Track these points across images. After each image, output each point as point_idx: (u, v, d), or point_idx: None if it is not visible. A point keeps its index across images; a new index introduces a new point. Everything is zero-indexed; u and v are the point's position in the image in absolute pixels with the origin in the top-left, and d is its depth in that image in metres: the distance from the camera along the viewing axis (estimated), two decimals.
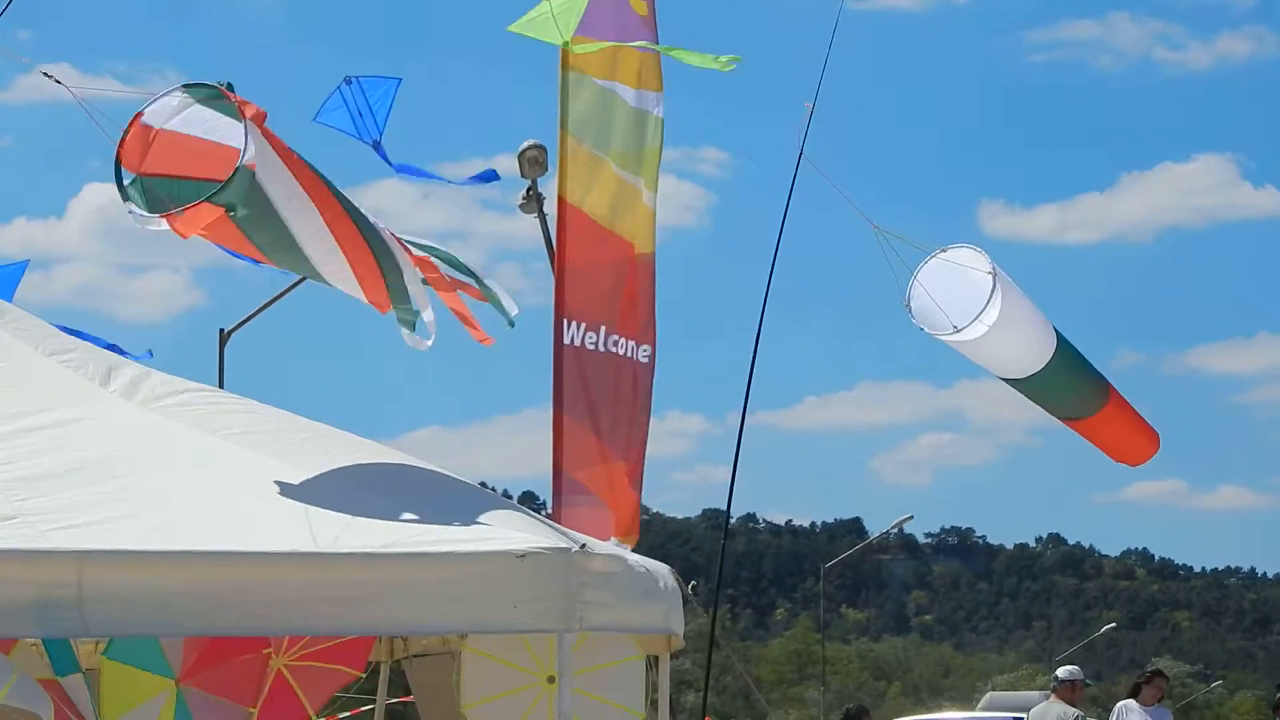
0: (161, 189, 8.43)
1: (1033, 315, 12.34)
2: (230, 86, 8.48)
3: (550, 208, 18.52)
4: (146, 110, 8.44)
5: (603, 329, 16.16)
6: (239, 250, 9.15)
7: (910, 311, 12.21)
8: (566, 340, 15.93)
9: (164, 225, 8.41)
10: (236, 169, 8.24)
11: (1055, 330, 12.47)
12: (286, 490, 8.53)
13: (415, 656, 11.79)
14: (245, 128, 8.27)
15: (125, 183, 8.41)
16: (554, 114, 16.14)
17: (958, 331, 11.91)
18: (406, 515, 8.51)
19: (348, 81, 14.26)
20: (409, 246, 9.70)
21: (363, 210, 9.16)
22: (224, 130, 8.36)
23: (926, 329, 12.12)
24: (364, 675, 11.92)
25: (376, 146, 14.15)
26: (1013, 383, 12.84)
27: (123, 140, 8.41)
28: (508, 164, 20.28)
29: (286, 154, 8.64)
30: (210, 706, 10.81)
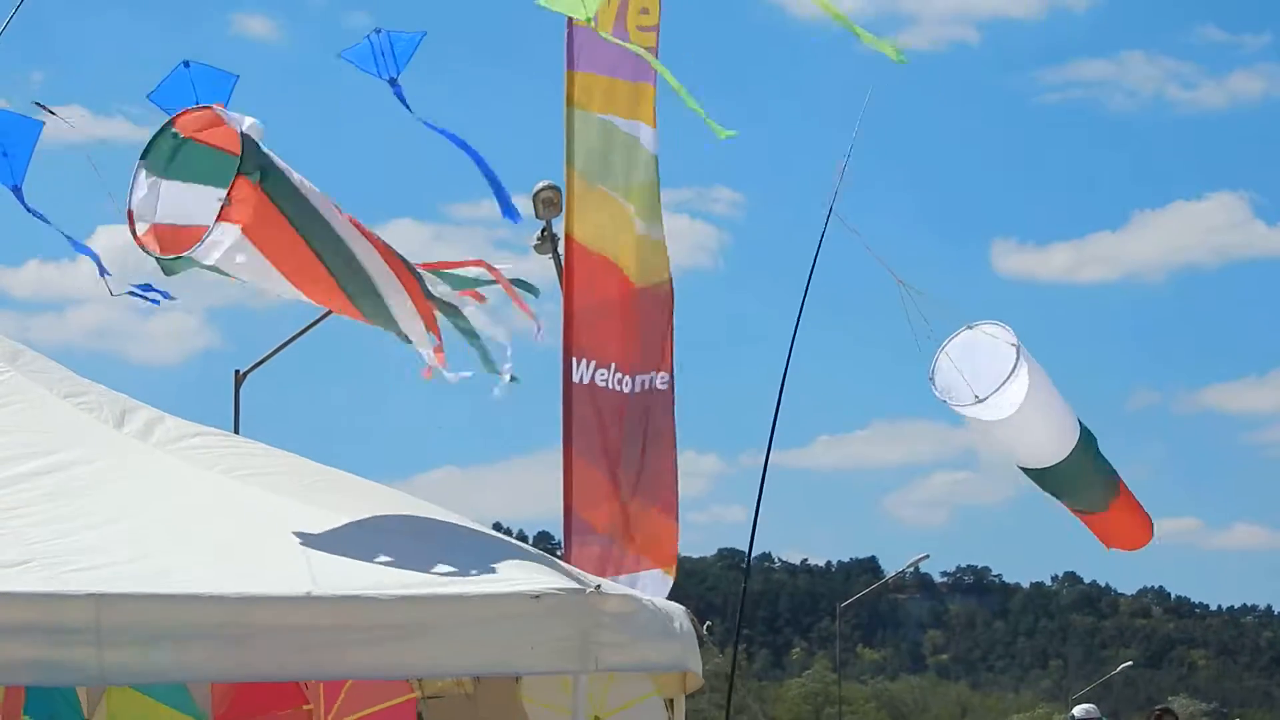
0: (200, 157, 8.34)
1: (1058, 402, 12.31)
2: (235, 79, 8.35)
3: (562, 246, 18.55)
4: (133, 208, 8.34)
5: (613, 365, 16.18)
6: (291, 268, 8.70)
7: (934, 385, 12.19)
8: (576, 379, 15.95)
9: (224, 233, 8.19)
10: (241, 138, 8.15)
11: (1079, 421, 12.46)
12: (304, 534, 8.55)
13: (430, 698, 11.80)
14: (227, 120, 8.21)
15: (164, 136, 8.35)
16: (560, 154, 16.20)
17: (980, 403, 11.89)
18: (422, 559, 8.53)
19: (376, 31, 14.27)
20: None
21: (358, 255, 8.96)
22: (197, 199, 8.24)
23: (950, 403, 12.10)
24: None
25: (393, 83, 14.03)
26: (1032, 473, 12.81)
27: (136, 239, 8.37)
28: (521, 205, 20.32)
29: (273, 234, 8.48)
30: None
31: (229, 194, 8.10)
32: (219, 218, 8.14)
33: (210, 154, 8.22)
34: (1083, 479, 12.65)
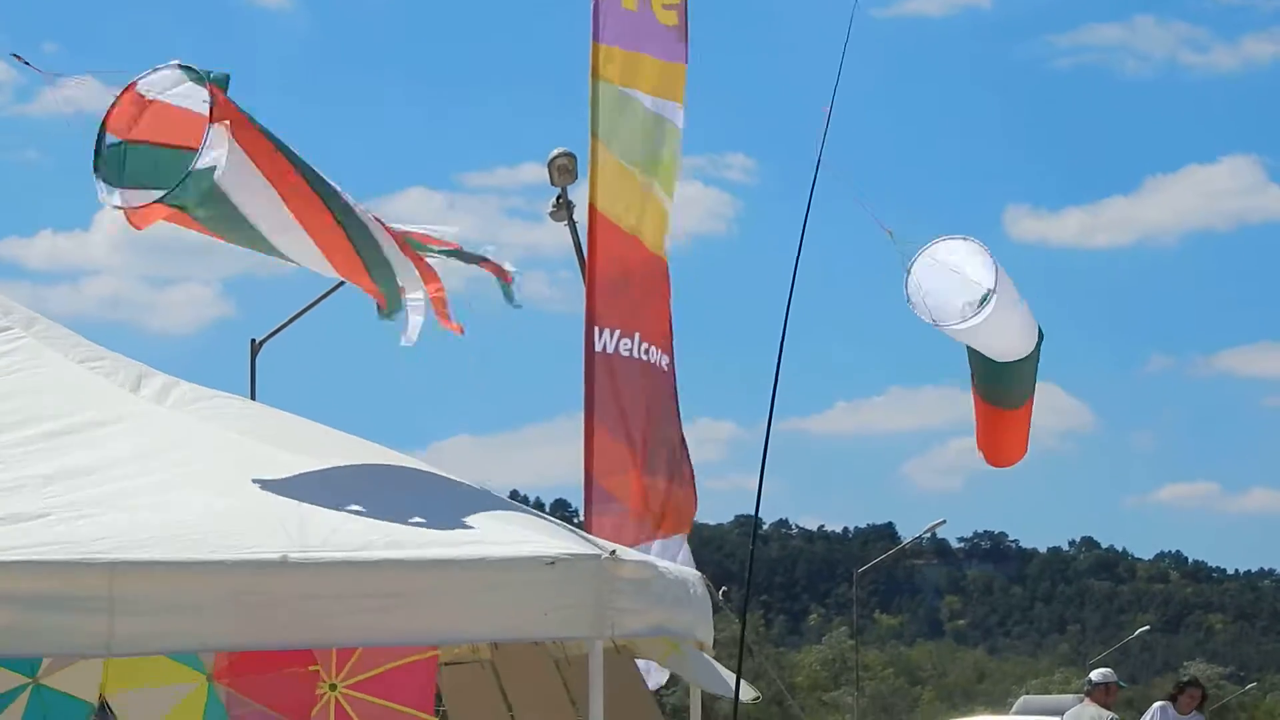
0: (146, 158, 8.35)
1: (1017, 302, 12.35)
2: (227, 79, 8.35)
3: (580, 215, 18.53)
4: (142, 81, 8.33)
5: (637, 335, 16.16)
6: (202, 233, 8.89)
7: (911, 303, 12.17)
8: (598, 347, 15.91)
9: (119, 205, 8.33)
10: (188, 173, 8.11)
11: (1039, 328, 12.55)
12: (317, 498, 8.52)
13: (447, 664, 11.77)
14: (208, 132, 8.16)
15: (105, 147, 8.32)
16: (574, 124, 16.20)
17: (965, 322, 11.89)
18: (435, 525, 8.50)
19: None
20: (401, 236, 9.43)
21: (348, 201, 8.94)
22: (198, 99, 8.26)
23: (936, 323, 12.09)
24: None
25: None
26: (985, 363, 12.83)
27: (112, 107, 8.32)
28: (537, 171, 20.41)
29: (261, 148, 8.48)
30: (255, 714, 10.76)
31: (152, 208, 8.20)
32: (127, 214, 8.26)
33: (155, 152, 8.29)
34: (1025, 373, 12.74)
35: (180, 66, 8.38)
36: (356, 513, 8.44)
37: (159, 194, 8.16)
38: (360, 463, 9.24)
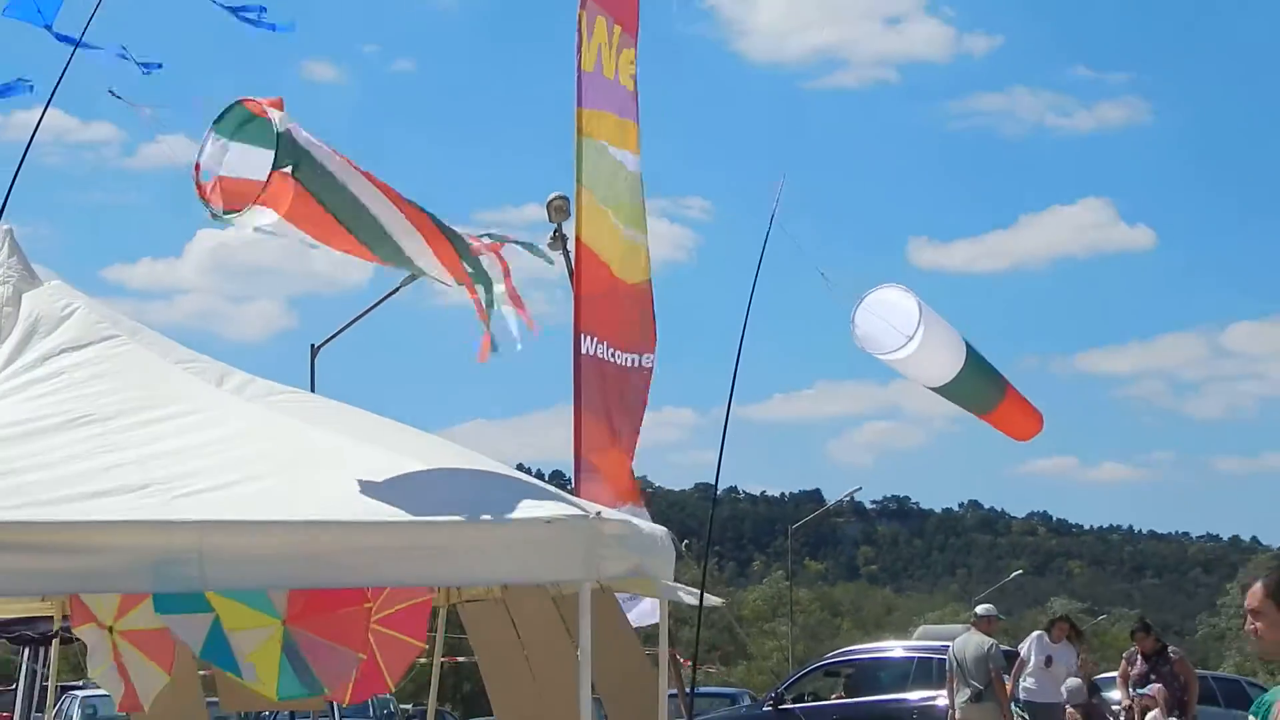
0: (233, 216, 8.23)
1: (948, 333, 12.31)
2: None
3: (572, 245, 18.54)
4: (202, 161, 8.20)
5: (607, 343, 16.22)
6: (324, 237, 8.51)
7: (856, 339, 12.16)
8: (584, 351, 15.95)
9: (267, 215, 8.04)
10: (277, 134, 7.88)
11: (965, 342, 12.47)
12: (363, 469, 8.54)
13: (467, 602, 11.79)
14: (273, 117, 7.95)
15: (218, 217, 8.23)
16: (565, 170, 16.18)
17: (895, 351, 11.89)
18: (458, 491, 8.52)
19: None
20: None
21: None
22: (257, 158, 8.05)
23: (870, 352, 12.09)
24: (425, 645, 11.78)
25: (49, 29, 13.11)
26: (937, 390, 12.80)
27: (198, 188, 8.24)
28: (537, 210, 20.39)
29: (326, 148, 8.34)
30: (322, 647, 10.75)
31: (266, 184, 7.94)
32: (256, 201, 7.99)
33: (268, 123, 8.05)
34: (975, 383, 12.68)
35: (214, 124, 8.19)
36: (395, 482, 8.45)
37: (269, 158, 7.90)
38: (399, 442, 9.25)
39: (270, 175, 7.92)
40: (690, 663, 14.81)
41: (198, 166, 8.13)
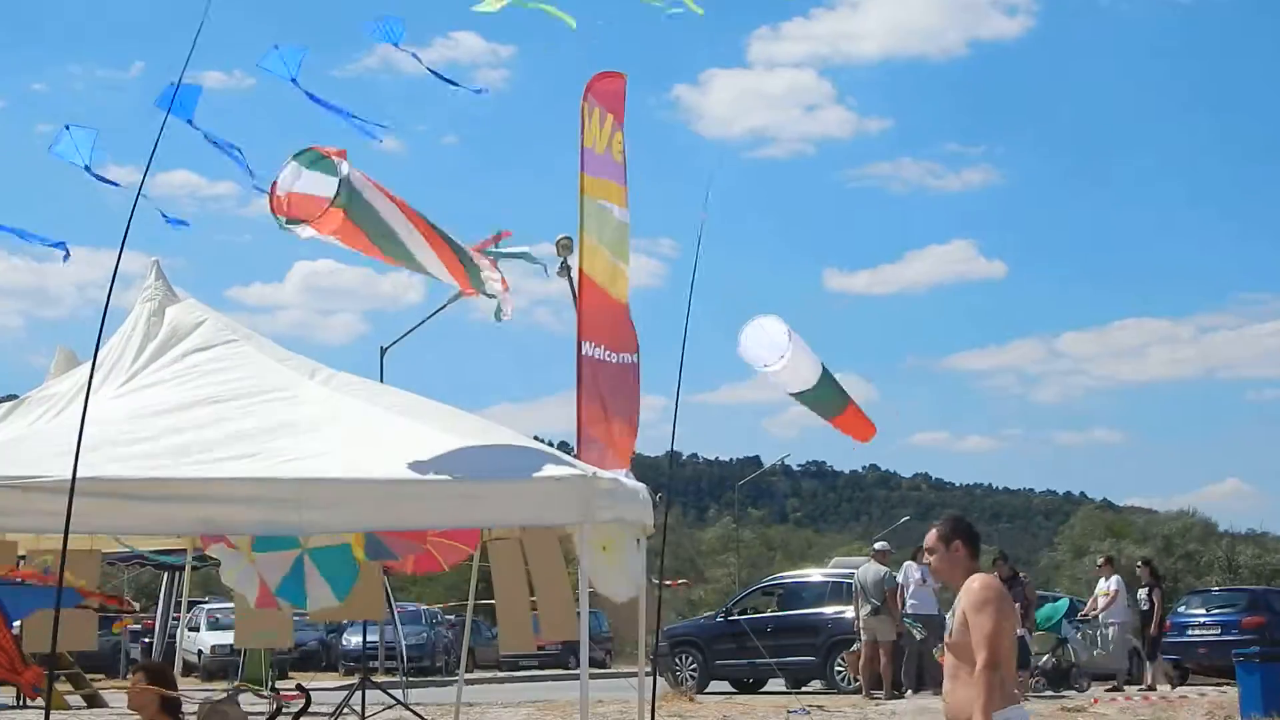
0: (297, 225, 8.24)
1: (808, 359, 12.41)
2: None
3: (575, 275, 18.57)
4: (280, 179, 8.20)
5: (604, 346, 16.25)
6: (359, 248, 8.52)
7: (741, 356, 12.29)
8: (585, 353, 15.98)
9: (310, 231, 8.11)
10: (339, 180, 7.95)
11: (822, 365, 12.58)
12: (420, 440, 8.54)
13: (494, 540, 11.76)
14: (338, 164, 8.01)
15: (283, 224, 8.24)
16: (569, 215, 16.25)
17: (767, 368, 12.09)
18: (492, 456, 8.52)
19: (276, 46, 12.54)
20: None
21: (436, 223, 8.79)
22: (322, 183, 8.04)
23: (754, 365, 12.22)
24: (473, 551, 11.90)
25: (294, 81, 12.71)
26: (799, 396, 12.92)
27: (272, 200, 8.20)
28: (546, 247, 20.38)
29: (376, 185, 8.39)
30: (395, 539, 10.80)
31: (322, 215, 7.99)
32: (312, 225, 8.03)
33: (334, 164, 8.12)
34: (825, 395, 12.74)
35: (294, 155, 8.19)
36: (443, 449, 8.44)
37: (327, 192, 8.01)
38: (446, 419, 9.22)
39: (328, 208, 7.97)
40: (675, 584, 14.94)
41: (274, 185, 8.16)
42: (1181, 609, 27.56)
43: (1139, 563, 26.01)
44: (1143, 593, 24.44)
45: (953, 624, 6.81)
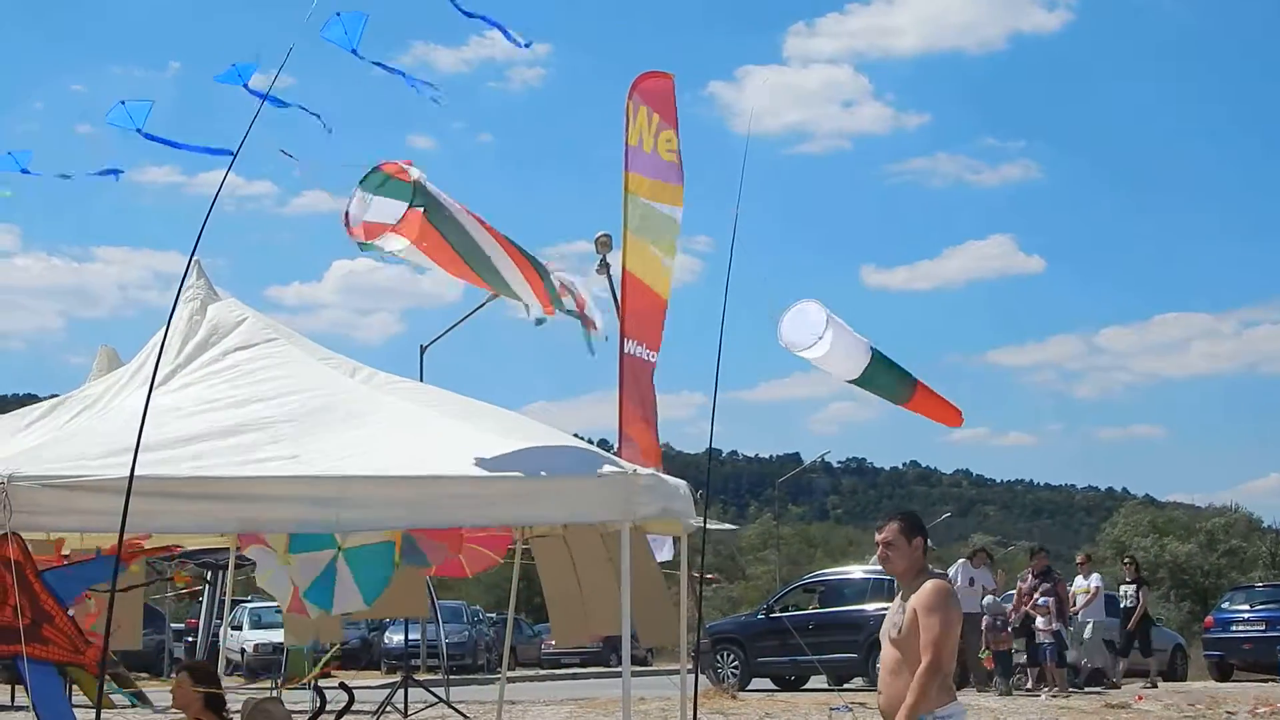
0: (375, 249, 8.26)
1: (851, 337, 12.18)
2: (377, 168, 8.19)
3: (615, 271, 18.60)
4: (350, 212, 8.24)
5: (643, 344, 16.24)
6: (447, 265, 8.47)
7: (782, 343, 12.10)
8: (627, 351, 16.00)
9: (400, 241, 8.07)
10: (412, 184, 7.95)
11: (872, 348, 12.34)
12: (460, 438, 8.52)
13: (537, 537, 11.74)
14: (410, 172, 8.00)
15: (364, 246, 8.27)
16: (610, 213, 16.23)
17: (806, 350, 11.88)
18: (534, 454, 8.47)
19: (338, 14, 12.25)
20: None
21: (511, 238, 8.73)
22: (394, 208, 8.03)
23: (792, 351, 12.03)
24: (501, 559, 11.87)
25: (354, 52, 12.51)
26: (854, 383, 12.70)
27: (349, 231, 8.24)
28: (585, 245, 20.40)
29: (452, 201, 8.37)
30: (430, 545, 10.79)
31: (401, 218, 7.96)
32: (393, 230, 8.00)
33: (401, 185, 8.14)
34: (882, 380, 12.54)
35: (360, 182, 8.20)
36: (484, 446, 8.41)
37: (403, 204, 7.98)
38: (489, 417, 9.20)
39: (406, 211, 7.95)
40: (710, 579, 14.92)
41: (347, 214, 8.18)
42: (1225, 605, 27.39)
43: (1124, 559, 25.78)
44: (1130, 589, 24.21)
45: (902, 621, 6.97)
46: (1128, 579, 24.18)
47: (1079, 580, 23.57)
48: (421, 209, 8.00)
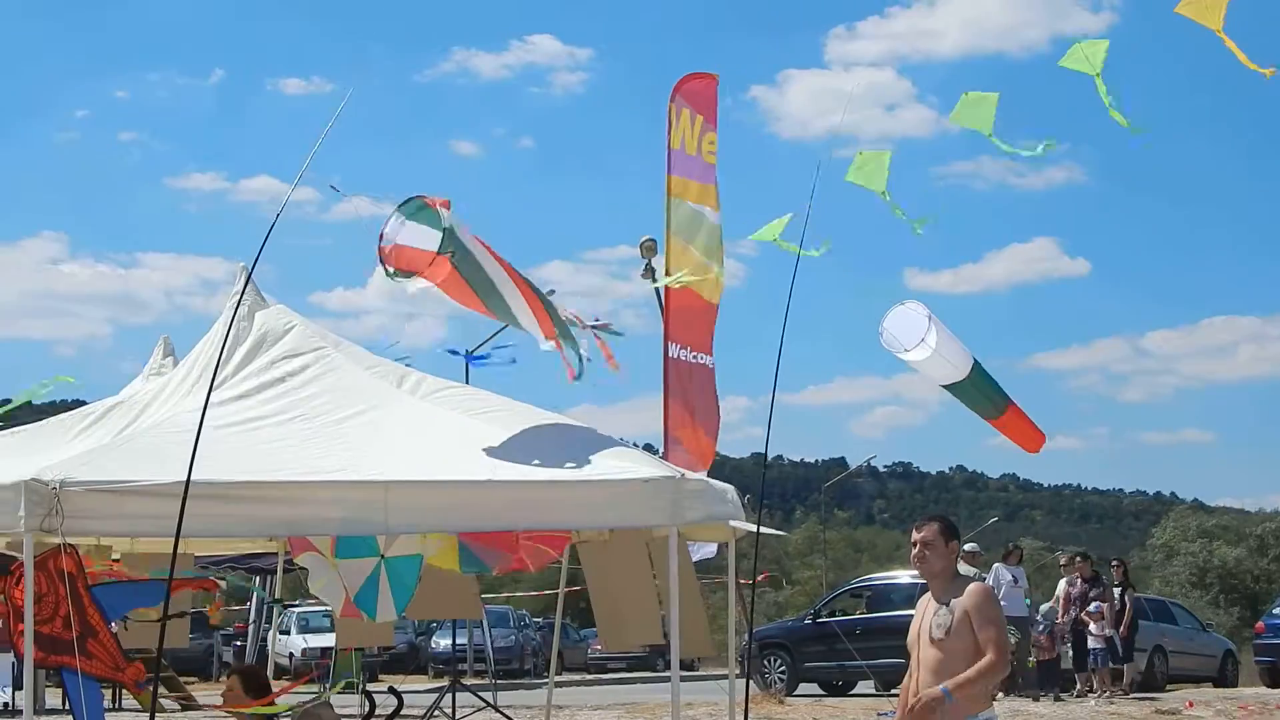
0: (399, 279, 8.46)
1: (957, 344, 12.06)
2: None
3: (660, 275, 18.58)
4: (385, 231, 8.38)
5: (689, 348, 16.24)
6: (463, 301, 8.84)
7: (883, 343, 11.95)
8: (671, 355, 16.04)
9: (422, 283, 8.40)
10: (444, 231, 8.22)
11: (974, 359, 12.18)
12: (510, 445, 8.56)
13: (582, 542, 11.74)
14: (442, 214, 8.28)
15: (392, 275, 8.44)
16: (653, 218, 16.29)
17: (907, 352, 11.72)
18: (582, 458, 8.49)
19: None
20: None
21: (527, 277, 9.06)
22: (425, 236, 8.33)
23: (894, 353, 11.89)
24: (560, 556, 11.90)
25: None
26: (949, 388, 12.52)
27: (380, 250, 8.40)
28: (628, 249, 20.45)
29: (475, 238, 8.61)
30: (485, 550, 10.81)
31: (429, 264, 8.25)
32: (421, 275, 8.32)
33: (435, 217, 8.29)
34: (977, 392, 12.40)
35: (399, 206, 8.40)
36: (532, 452, 8.43)
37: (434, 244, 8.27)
38: (535, 422, 9.20)
39: (435, 257, 8.22)
40: (764, 575, 14.87)
41: (382, 235, 8.29)
42: (1276, 610, 27.11)
43: (1112, 562, 25.49)
44: (1116, 592, 23.94)
45: (950, 621, 6.94)
46: (1115, 582, 23.93)
47: (1063, 585, 23.33)
48: (449, 254, 8.26)
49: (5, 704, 19.56)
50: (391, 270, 8.35)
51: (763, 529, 10.43)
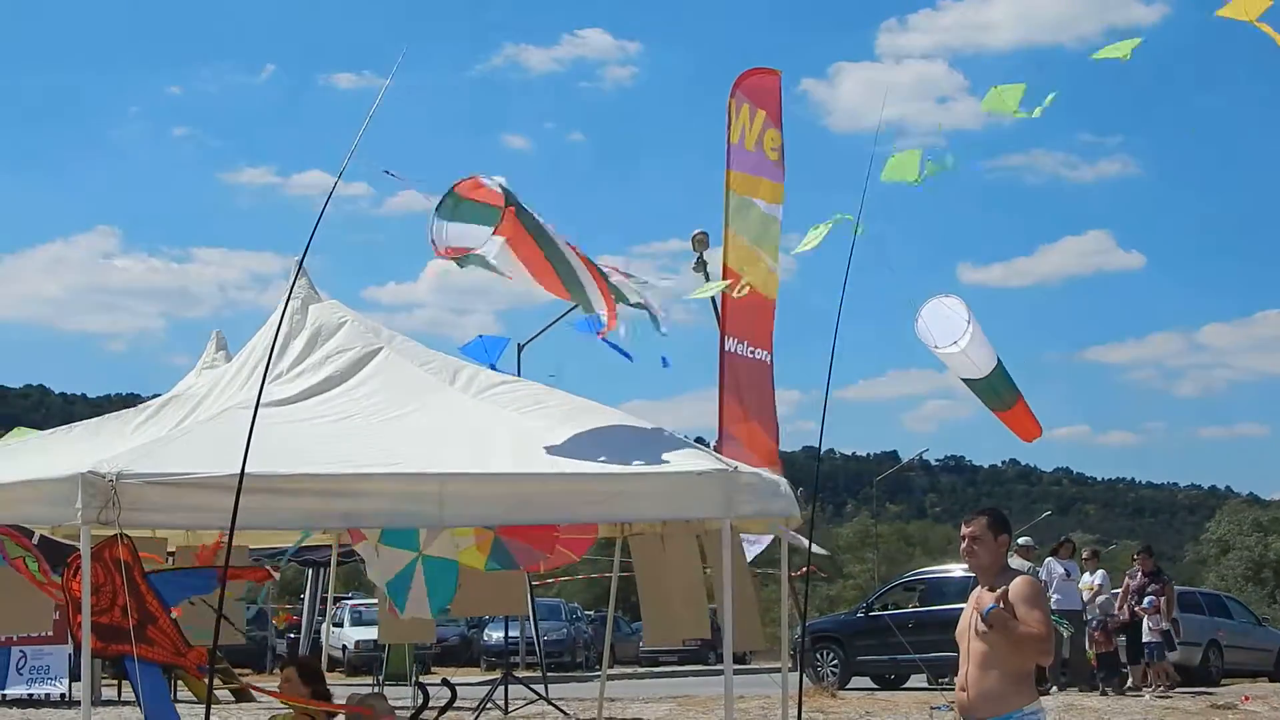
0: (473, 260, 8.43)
1: (985, 351, 12.06)
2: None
3: (714, 268, 18.59)
4: (433, 239, 8.30)
5: (746, 342, 16.18)
6: (529, 262, 8.64)
7: (917, 334, 11.93)
8: (727, 349, 15.99)
9: (498, 241, 8.30)
10: (501, 187, 8.25)
11: (998, 359, 12.21)
12: (561, 436, 8.54)
13: (634, 535, 11.71)
14: (489, 183, 8.31)
15: (464, 262, 8.43)
16: (713, 210, 16.26)
17: (938, 348, 11.73)
18: (635, 451, 8.47)
19: (480, 336, 15.10)
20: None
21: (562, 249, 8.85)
22: (476, 219, 8.30)
23: (926, 343, 11.87)
24: (580, 559, 11.89)
25: (492, 367, 13.88)
26: (969, 382, 12.53)
27: (438, 254, 8.39)
28: (680, 243, 20.51)
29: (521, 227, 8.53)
30: (520, 548, 10.80)
31: (502, 215, 8.17)
32: (494, 232, 8.22)
33: (478, 207, 8.26)
34: (991, 388, 12.39)
35: (436, 209, 8.36)
36: (585, 445, 8.42)
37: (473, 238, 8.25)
38: (588, 416, 9.17)
39: (505, 209, 8.15)
40: (818, 560, 14.80)
41: (432, 243, 8.30)
42: None
43: (1135, 552, 25.23)
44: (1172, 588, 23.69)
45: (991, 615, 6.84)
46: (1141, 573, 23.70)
47: (1085, 577, 23.11)
48: (514, 208, 8.19)
49: (63, 695, 19.77)
50: (460, 260, 8.35)
51: (817, 550, 10.37)
